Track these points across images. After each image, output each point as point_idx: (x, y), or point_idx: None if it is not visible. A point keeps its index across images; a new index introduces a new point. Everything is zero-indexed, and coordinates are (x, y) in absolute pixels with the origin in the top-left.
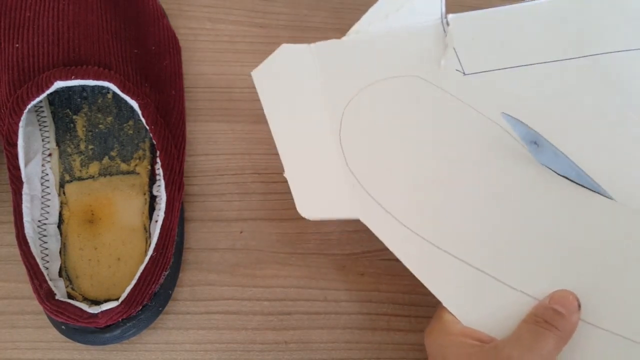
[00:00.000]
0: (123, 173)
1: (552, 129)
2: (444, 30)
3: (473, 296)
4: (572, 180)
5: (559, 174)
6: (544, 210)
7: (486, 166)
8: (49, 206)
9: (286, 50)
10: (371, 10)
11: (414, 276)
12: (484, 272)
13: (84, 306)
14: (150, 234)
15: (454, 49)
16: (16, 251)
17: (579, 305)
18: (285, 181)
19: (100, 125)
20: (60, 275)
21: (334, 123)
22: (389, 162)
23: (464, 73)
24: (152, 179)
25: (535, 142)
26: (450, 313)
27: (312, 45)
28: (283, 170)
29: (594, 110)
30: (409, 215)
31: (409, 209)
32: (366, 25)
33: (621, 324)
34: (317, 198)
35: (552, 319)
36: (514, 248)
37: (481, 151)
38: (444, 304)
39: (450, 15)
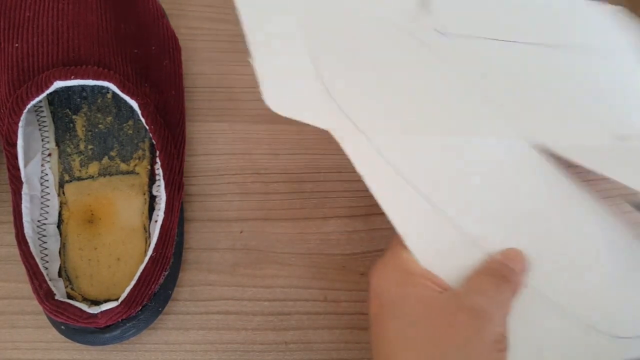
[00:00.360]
0: (123, 173)
1: (520, 103)
2: None
3: (432, 238)
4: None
5: None
6: (511, 176)
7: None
8: (48, 206)
9: None
10: None
11: None
12: (446, 214)
13: (83, 306)
14: (150, 234)
15: (435, 6)
16: (16, 251)
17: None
18: (286, 181)
19: (100, 125)
20: (59, 275)
21: (310, 42)
22: (367, 84)
23: (442, 33)
24: (152, 179)
25: None
26: (408, 252)
27: None
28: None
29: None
30: (381, 136)
31: (385, 133)
32: None
33: (556, 289)
34: (287, 95)
35: (507, 273)
36: (478, 199)
37: (462, 100)
38: (404, 239)
39: None
